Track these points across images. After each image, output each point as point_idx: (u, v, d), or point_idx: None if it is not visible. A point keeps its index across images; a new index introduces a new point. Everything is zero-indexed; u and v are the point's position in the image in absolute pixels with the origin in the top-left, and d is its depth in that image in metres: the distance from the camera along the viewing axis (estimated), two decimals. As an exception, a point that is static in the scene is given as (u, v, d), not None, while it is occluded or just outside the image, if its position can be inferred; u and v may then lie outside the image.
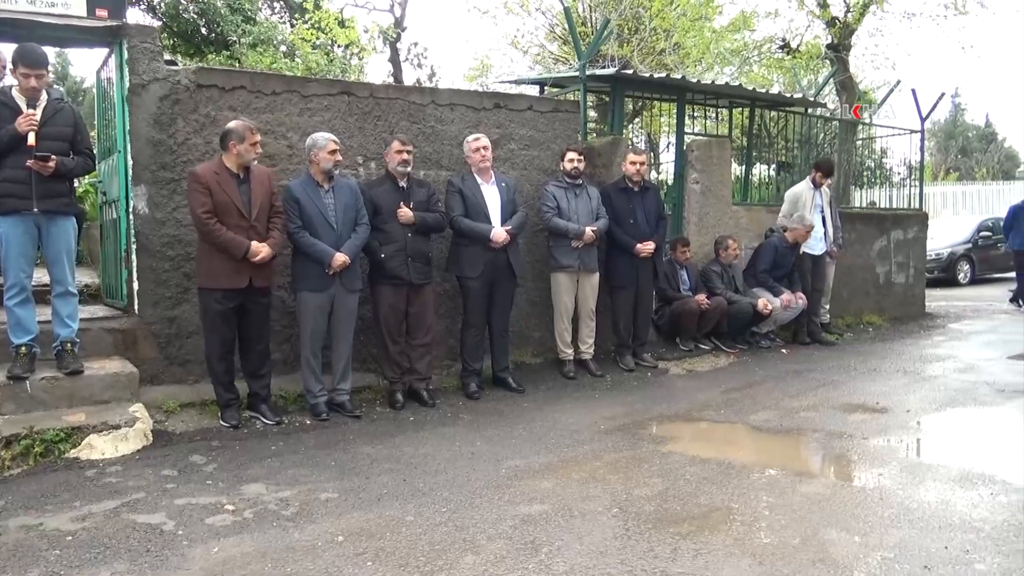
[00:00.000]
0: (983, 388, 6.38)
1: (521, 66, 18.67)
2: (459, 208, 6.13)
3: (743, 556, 3.23)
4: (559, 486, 4.14)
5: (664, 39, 15.53)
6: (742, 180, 10.56)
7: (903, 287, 10.96)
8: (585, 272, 6.87)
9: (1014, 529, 3.47)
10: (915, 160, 12.44)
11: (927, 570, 3.07)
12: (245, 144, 5.10)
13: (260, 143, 5.28)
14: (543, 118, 7.31)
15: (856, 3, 14.97)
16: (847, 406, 5.88)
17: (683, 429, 5.42)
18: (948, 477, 4.21)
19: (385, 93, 6.55)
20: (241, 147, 5.09)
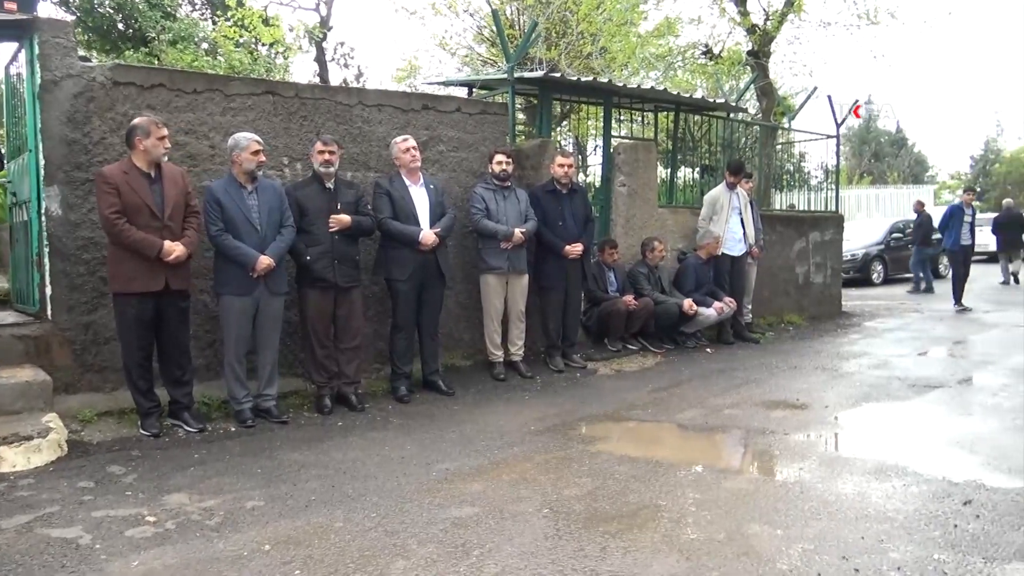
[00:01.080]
0: (896, 383, 6.64)
1: (449, 68, 18.61)
2: (387, 210, 6.08)
3: (671, 552, 3.29)
4: (490, 488, 4.15)
5: (591, 43, 15.69)
6: (667, 183, 10.75)
7: (821, 287, 11.34)
8: (514, 274, 6.89)
9: (925, 518, 3.62)
10: (831, 164, 12.90)
11: (845, 560, 3.18)
12: (152, 139, 4.93)
13: (170, 138, 5.11)
14: (472, 120, 7.31)
15: (775, 11, 15.43)
16: (769, 403, 6.05)
17: (612, 429, 5.49)
18: (864, 470, 4.37)
19: (311, 93, 6.45)
20: (148, 142, 4.92)
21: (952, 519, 3.60)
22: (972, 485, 4.06)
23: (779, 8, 15.33)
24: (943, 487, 4.04)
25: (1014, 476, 4.20)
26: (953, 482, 4.10)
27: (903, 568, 3.10)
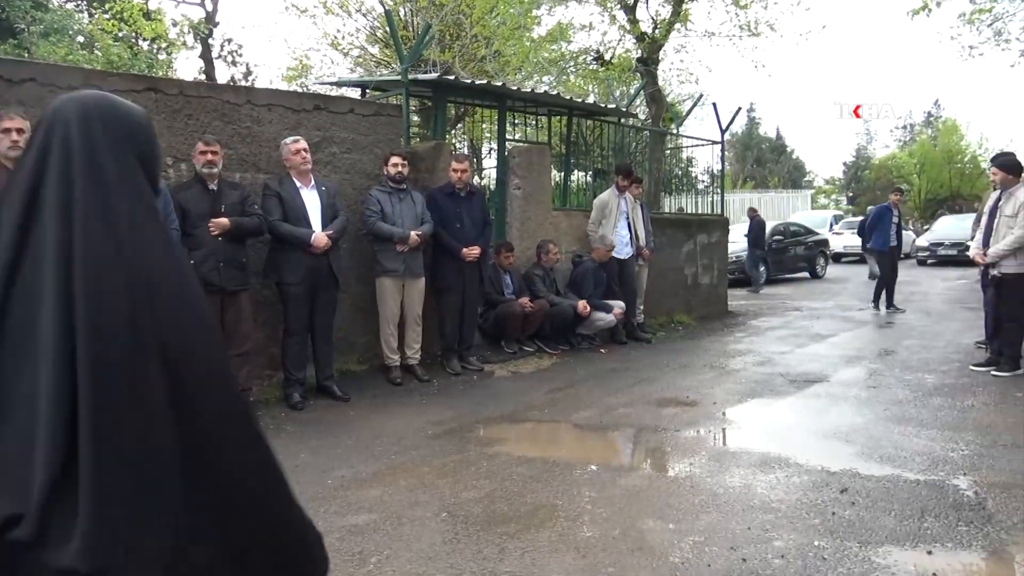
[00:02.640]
0: (778, 379, 6.95)
1: (342, 68, 18.32)
2: (277, 212, 5.93)
3: (568, 551, 3.33)
4: (387, 494, 4.10)
5: (485, 46, 15.78)
6: (561, 186, 10.91)
7: (708, 287, 11.74)
8: (410, 277, 6.84)
9: (806, 507, 3.81)
10: (717, 169, 13.38)
11: (733, 550, 3.30)
12: None
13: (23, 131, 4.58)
14: (365, 121, 7.21)
15: (662, 20, 15.90)
16: (661, 401, 6.22)
17: (509, 430, 5.52)
18: (750, 463, 4.55)
19: (196, 91, 6.22)
20: None
21: (830, 507, 3.80)
22: (848, 474, 4.29)
23: (667, 17, 15.81)
24: (822, 477, 4.25)
25: (885, 464, 4.47)
26: (831, 471, 4.33)
27: (786, 555, 3.24)
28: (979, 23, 14.98)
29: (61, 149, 1.22)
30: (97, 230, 1.17)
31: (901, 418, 5.50)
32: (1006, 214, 6.81)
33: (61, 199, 1.18)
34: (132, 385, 1.13)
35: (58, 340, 1.12)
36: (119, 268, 1.16)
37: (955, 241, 19.68)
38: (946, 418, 5.48)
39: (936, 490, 4.02)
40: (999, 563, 3.23)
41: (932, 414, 5.60)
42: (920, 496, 3.93)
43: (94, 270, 1.15)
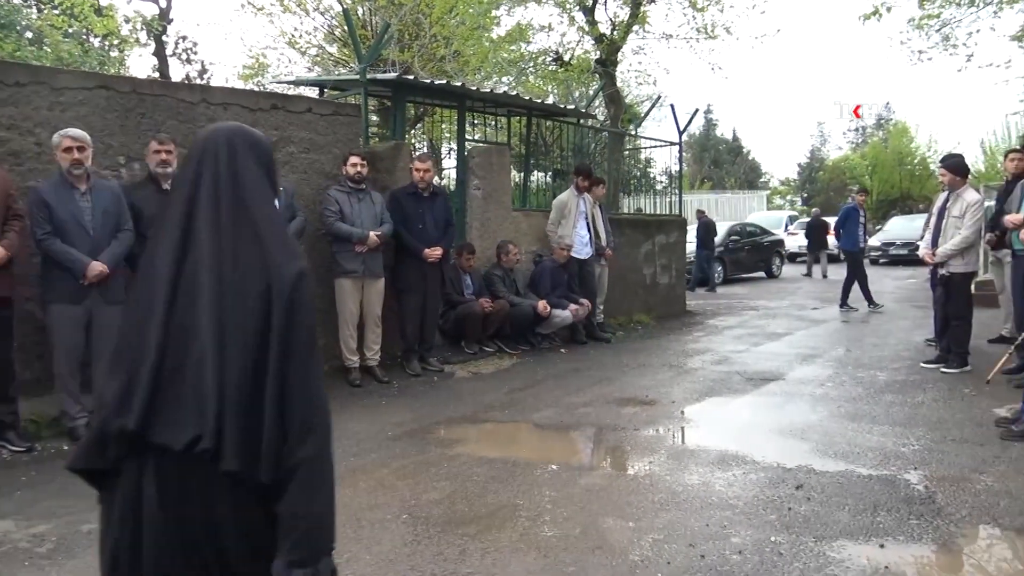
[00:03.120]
0: (736, 378, 7.05)
1: (299, 67, 18.12)
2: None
3: (529, 550, 3.34)
4: (347, 496, 4.07)
5: (444, 46, 15.74)
6: (521, 186, 10.94)
7: (667, 287, 11.86)
8: (370, 277, 6.80)
9: (763, 503, 3.87)
10: (675, 170, 13.52)
11: (692, 547, 3.34)
12: None
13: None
14: (323, 121, 7.15)
15: (621, 22, 16.02)
16: (620, 400, 6.26)
17: (470, 431, 5.51)
18: (708, 460, 4.61)
19: (150, 89, 6.11)
20: None
21: (786, 502, 3.86)
22: (804, 470, 4.37)
23: (625, 19, 15.93)
24: (778, 473, 4.32)
25: (839, 460, 4.56)
26: (787, 468, 4.40)
27: (744, 551, 3.29)
28: (927, 29, 15.34)
29: (212, 166, 1.65)
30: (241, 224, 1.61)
31: (854, 415, 5.62)
32: (953, 215, 6.98)
33: (212, 200, 1.62)
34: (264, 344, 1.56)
35: (213, 316, 1.54)
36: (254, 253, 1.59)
37: (906, 241, 20.14)
38: (897, 414, 5.61)
39: (888, 485, 4.11)
40: (948, 555, 3.32)
41: (884, 410, 5.73)
42: (873, 491, 4.01)
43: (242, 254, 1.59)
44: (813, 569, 3.12)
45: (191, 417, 1.52)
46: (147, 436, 1.53)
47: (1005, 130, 35.32)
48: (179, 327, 1.56)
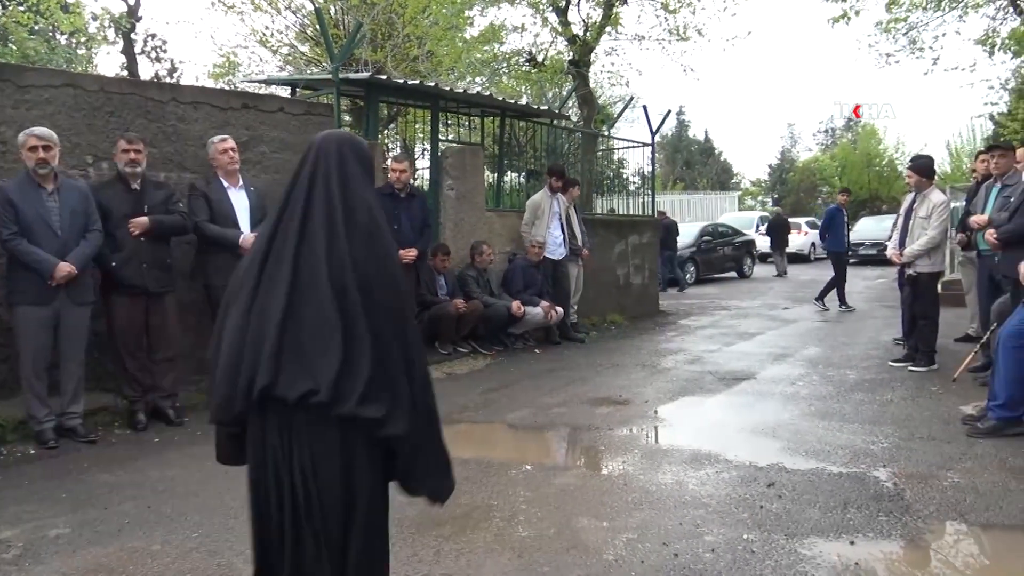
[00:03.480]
0: (708, 377, 7.10)
1: (271, 66, 17.96)
2: (204, 213, 5.78)
3: (503, 551, 3.34)
4: (320, 499, 4.04)
5: (417, 46, 15.69)
6: (495, 187, 10.94)
7: (640, 287, 11.92)
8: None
9: (735, 501, 3.90)
10: (647, 171, 13.60)
11: (665, 546, 3.36)
12: None
13: None
14: (296, 120, 7.10)
15: (593, 23, 16.08)
16: (594, 400, 6.28)
17: (444, 432, 5.48)
18: (681, 460, 4.64)
19: (118, 87, 6.02)
20: None
21: (758, 501, 3.90)
22: (775, 468, 4.41)
23: (597, 20, 15.99)
24: (750, 472, 4.36)
25: (810, 458, 4.61)
26: (759, 466, 4.44)
27: (717, 549, 3.31)
28: (895, 32, 15.58)
29: (324, 166, 2.03)
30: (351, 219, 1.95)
31: (825, 413, 5.68)
32: (920, 216, 7.09)
33: (326, 199, 1.97)
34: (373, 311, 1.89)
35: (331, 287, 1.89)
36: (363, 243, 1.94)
37: (875, 241, 20.42)
38: (867, 412, 5.68)
39: (858, 482, 4.16)
40: (916, 551, 3.37)
41: (854, 409, 5.80)
42: (843, 488, 4.06)
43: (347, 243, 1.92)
44: (785, 567, 3.15)
45: (306, 376, 1.87)
46: (272, 391, 1.88)
47: (970, 132, 35.98)
48: (299, 306, 1.91)
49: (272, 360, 1.89)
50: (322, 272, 1.91)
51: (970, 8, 15.54)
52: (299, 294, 1.92)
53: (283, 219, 2.00)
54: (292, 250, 1.94)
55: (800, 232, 25.93)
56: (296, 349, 1.90)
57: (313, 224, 1.95)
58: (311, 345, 1.89)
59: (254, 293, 1.96)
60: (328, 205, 1.97)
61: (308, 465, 1.95)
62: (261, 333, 1.91)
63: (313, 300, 1.90)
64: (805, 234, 25.81)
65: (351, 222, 1.95)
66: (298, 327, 1.90)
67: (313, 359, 1.88)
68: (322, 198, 1.98)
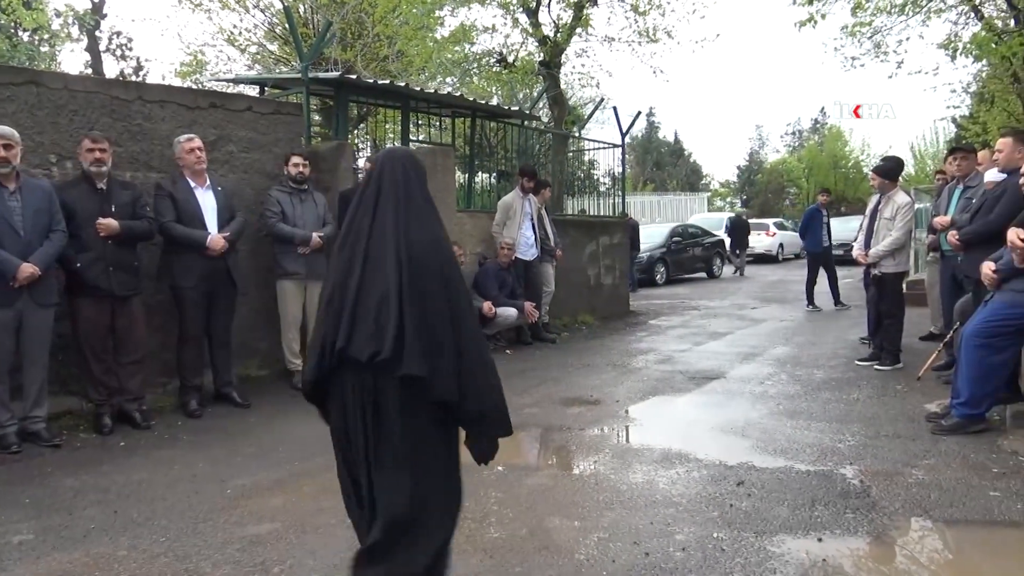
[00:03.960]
0: (678, 377, 7.15)
1: (239, 65, 17.79)
2: (170, 213, 5.71)
3: (475, 552, 3.34)
4: (290, 502, 4.01)
5: (388, 46, 15.63)
6: (465, 187, 10.92)
7: (611, 288, 11.97)
8: (313, 279, 6.69)
9: (705, 500, 3.93)
10: (618, 171, 13.65)
11: (636, 545, 3.37)
12: None
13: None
14: (264, 120, 7.03)
15: (564, 24, 16.11)
16: (566, 400, 6.30)
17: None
18: (652, 459, 4.66)
19: (83, 86, 5.93)
20: None
21: (728, 499, 3.93)
22: (744, 467, 4.45)
23: (568, 22, 16.02)
24: (720, 470, 4.40)
25: (779, 456, 4.66)
26: (728, 465, 4.48)
27: (687, 548, 3.34)
28: (860, 36, 15.79)
29: (390, 175, 2.49)
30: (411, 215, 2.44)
31: (793, 412, 5.75)
32: (885, 217, 7.20)
33: (393, 200, 2.44)
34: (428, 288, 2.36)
35: (394, 266, 2.35)
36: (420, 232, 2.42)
37: (842, 242, 20.67)
38: (834, 411, 5.76)
39: (825, 480, 4.21)
40: (882, 547, 3.42)
41: (821, 407, 5.87)
42: (811, 486, 4.11)
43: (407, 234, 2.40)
44: (754, 564, 3.18)
45: (373, 340, 2.31)
46: (347, 352, 2.34)
47: (933, 135, 36.62)
48: (369, 282, 2.37)
49: (348, 327, 2.36)
50: (389, 252, 2.38)
51: (933, 13, 15.80)
52: (369, 273, 2.39)
53: (358, 213, 2.50)
54: (365, 236, 2.43)
55: (768, 233, 26.22)
56: (366, 318, 2.35)
57: (382, 218, 2.45)
58: (377, 315, 2.34)
59: (337, 273, 2.47)
60: (394, 199, 2.47)
61: (373, 414, 2.39)
62: (341, 305, 2.39)
63: (380, 278, 2.37)
64: (773, 235, 26.10)
65: (411, 215, 2.45)
66: (368, 300, 2.36)
67: (379, 326, 2.33)
68: (388, 195, 2.48)
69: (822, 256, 12.14)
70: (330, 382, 2.49)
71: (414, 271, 2.37)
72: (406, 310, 2.33)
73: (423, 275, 2.38)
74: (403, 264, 2.37)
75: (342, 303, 2.40)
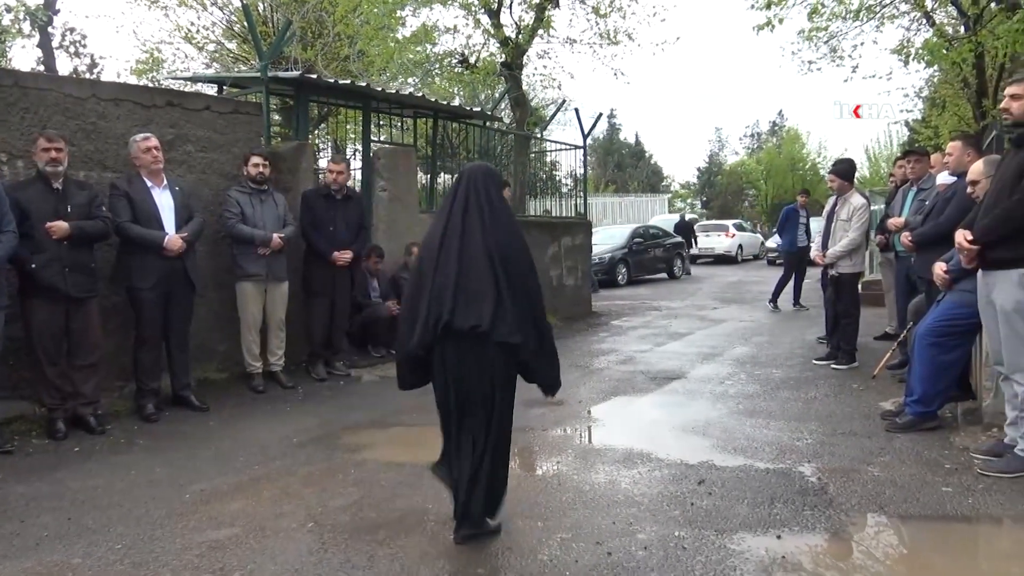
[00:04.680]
0: (640, 377, 7.20)
1: (197, 63, 17.53)
2: (126, 213, 5.60)
3: (438, 556, 3.32)
4: (250, 506, 3.96)
5: (348, 46, 15.50)
6: (428, 188, 10.88)
7: (573, 289, 12.01)
8: (273, 281, 6.64)
9: (667, 499, 3.96)
10: (579, 173, 13.72)
11: (599, 545, 3.39)
12: None
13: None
14: (223, 119, 6.93)
15: (526, 26, 16.15)
16: (529, 401, 6.26)
17: (378, 436, 5.45)
18: (614, 459, 4.69)
19: (34, 83, 5.79)
20: None
21: (689, 498, 3.97)
22: (705, 466, 4.50)
23: (530, 23, 16.06)
24: (681, 470, 4.44)
25: (739, 455, 4.71)
26: (690, 464, 4.52)
27: (649, 547, 3.36)
28: (816, 40, 16.03)
29: (472, 186, 3.27)
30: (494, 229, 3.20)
31: (752, 411, 5.82)
32: (842, 218, 7.34)
33: (478, 205, 3.22)
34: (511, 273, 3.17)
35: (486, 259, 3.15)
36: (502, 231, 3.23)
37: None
38: (792, 410, 5.85)
39: (784, 478, 4.28)
40: (839, 543, 3.48)
41: (780, 406, 5.96)
42: (770, 484, 4.17)
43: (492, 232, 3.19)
44: (715, 562, 3.22)
45: (472, 315, 3.12)
46: (451, 324, 3.14)
47: (887, 138, 37.40)
48: (466, 271, 3.15)
49: (451, 305, 3.13)
50: (479, 249, 3.18)
51: (886, 19, 16.10)
52: (465, 263, 3.17)
53: (451, 217, 3.28)
54: (458, 237, 3.21)
55: (728, 234, 26.55)
56: (465, 298, 3.13)
57: (471, 219, 3.23)
58: (474, 295, 3.13)
59: (436, 264, 3.22)
60: (479, 208, 3.25)
61: (468, 372, 3.24)
62: (444, 288, 3.16)
63: (474, 267, 3.16)
64: (732, 236, 26.43)
65: (493, 217, 3.26)
66: (466, 283, 3.15)
67: (477, 304, 3.13)
68: (475, 204, 3.26)
69: (797, 256, 12.18)
70: (432, 349, 3.26)
71: (502, 263, 3.17)
72: (502, 292, 3.14)
73: (509, 266, 3.19)
74: (493, 258, 3.17)
75: (444, 287, 3.17)
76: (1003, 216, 4.11)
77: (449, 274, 3.14)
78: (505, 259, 3.16)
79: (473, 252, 3.15)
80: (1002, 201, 4.14)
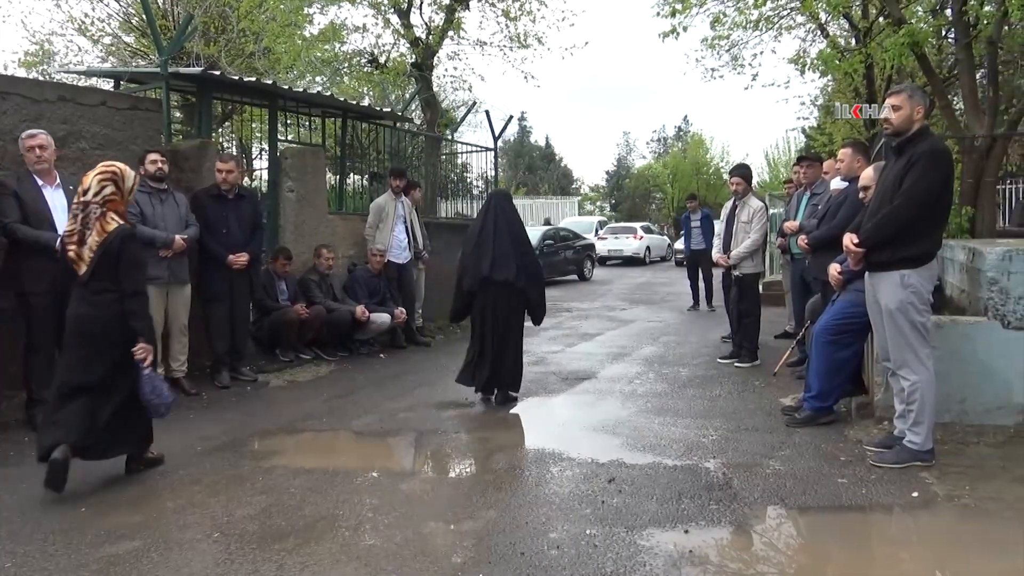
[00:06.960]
0: (552, 378, 7.27)
1: (92, 57, 16.78)
2: (14, 213, 5.31)
3: (350, 561, 3.28)
4: (152, 518, 3.81)
5: (254, 42, 15.14)
6: (337, 189, 10.72)
7: (485, 290, 11.98)
8: (175, 284, 6.41)
9: (578, 498, 4.01)
10: (491, 175, 13.76)
11: (512, 545, 3.41)
12: None
13: None
14: (120, 115, 6.65)
15: (436, 27, 16.11)
16: (441, 404, 6.29)
17: (286, 442, 5.33)
18: (527, 459, 4.73)
19: (-90, 75, 5.42)
20: None
21: (600, 496, 4.03)
22: (615, 464, 4.58)
23: (440, 24, 16.03)
24: (592, 468, 4.50)
25: (647, 452, 4.82)
26: (600, 463, 4.60)
27: (561, 546, 3.40)
28: (719, 49, 16.58)
29: (498, 203, 6.28)
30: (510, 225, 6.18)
31: (661, 409, 5.96)
32: (742, 220, 7.60)
33: (501, 218, 6.16)
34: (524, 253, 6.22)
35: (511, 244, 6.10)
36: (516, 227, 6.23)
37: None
38: (698, 407, 6.02)
39: (691, 474, 4.39)
40: (743, 536, 3.60)
41: (687, 404, 6.12)
42: (678, 480, 4.28)
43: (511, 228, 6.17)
44: (625, 558, 3.28)
45: (504, 272, 5.97)
46: (491, 277, 5.97)
47: (785, 144, 38.94)
48: (499, 250, 6.00)
49: (490, 266, 5.95)
50: (505, 237, 6.01)
51: (784, 30, 16.78)
52: (499, 247, 5.97)
53: (486, 221, 6.12)
54: (491, 232, 6.03)
55: (636, 236, 27.11)
56: (500, 263, 5.95)
57: (500, 221, 6.07)
58: (503, 262, 5.95)
59: (479, 244, 6.03)
60: (504, 214, 6.13)
61: (498, 308, 6.02)
62: (484, 255, 5.99)
63: (504, 247, 5.98)
64: (640, 238, 26.99)
65: (510, 220, 6.14)
66: (500, 255, 5.96)
67: (507, 266, 5.95)
68: (502, 212, 6.13)
69: (691, 258, 12.94)
70: (475, 295, 6.06)
71: (516, 244, 6.02)
72: (519, 261, 5.97)
73: (521, 246, 6.07)
74: (513, 242, 6.00)
75: (485, 255, 5.97)
76: (885, 220, 4.35)
77: (487, 250, 5.98)
78: (518, 242, 6.09)
79: (501, 238, 6.00)
80: (884, 206, 4.37)
